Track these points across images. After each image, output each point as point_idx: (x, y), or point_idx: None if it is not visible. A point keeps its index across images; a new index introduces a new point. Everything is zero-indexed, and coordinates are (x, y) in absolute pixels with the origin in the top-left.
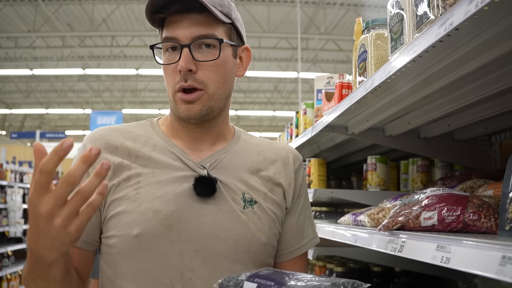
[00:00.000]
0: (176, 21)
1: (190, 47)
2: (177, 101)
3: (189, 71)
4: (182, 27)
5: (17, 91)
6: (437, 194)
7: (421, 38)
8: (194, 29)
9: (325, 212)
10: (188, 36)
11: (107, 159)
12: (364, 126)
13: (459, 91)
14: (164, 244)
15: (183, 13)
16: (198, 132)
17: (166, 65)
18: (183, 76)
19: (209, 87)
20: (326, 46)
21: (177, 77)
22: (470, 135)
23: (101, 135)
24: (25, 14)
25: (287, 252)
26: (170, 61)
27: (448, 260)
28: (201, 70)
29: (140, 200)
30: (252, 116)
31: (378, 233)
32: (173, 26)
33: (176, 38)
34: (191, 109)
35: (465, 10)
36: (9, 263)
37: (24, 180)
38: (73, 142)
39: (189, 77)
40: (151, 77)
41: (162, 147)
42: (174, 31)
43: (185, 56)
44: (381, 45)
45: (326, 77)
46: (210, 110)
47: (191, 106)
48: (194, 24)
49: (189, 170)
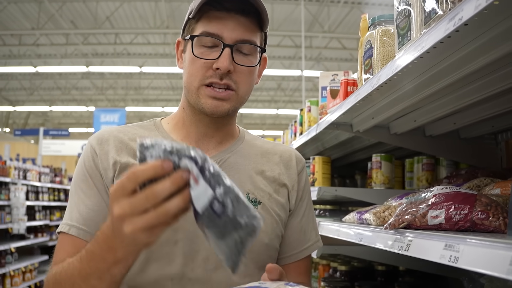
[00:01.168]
0: (221, 18)
1: (232, 49)
2: (202, 95)
3: (227, 71)
4: (228, 27)
5: (21, 88)
6: (444, 193)
7: (429, 34)
8: (240, 32)
9: (329, 210)
10: (234, 38)
11: (115, 159)
12: (369, 124)
13: (465, 89)
14: (168, 244)
15: (230, 12)
16: (210, 128)
17: (198, 59)
18: (219, 74)
19: (240, 90)
20: (330, 44)
21: (209, 72)
22: (476, 133)
23: (107, 135)
24: (29, 11)
25: (290, 254)
26: (205, 56)
27: (457, 259)
28: (236, 72)
29: None
30: (256, 114)
31: (384, 232)
32: (218, 23)
33: (220, 36)
34: (220, 106)
35: (475, 5)
36: (13, 259)
37: (27, 177)
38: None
39: (225, 76)
40: (154, 74)
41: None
42: (219, 28)
43: (227, 56)
44: (388, 41)
45: (331, 74)
46: (234, 110)
47: (220, 103)
48: (240, 27)
49: None
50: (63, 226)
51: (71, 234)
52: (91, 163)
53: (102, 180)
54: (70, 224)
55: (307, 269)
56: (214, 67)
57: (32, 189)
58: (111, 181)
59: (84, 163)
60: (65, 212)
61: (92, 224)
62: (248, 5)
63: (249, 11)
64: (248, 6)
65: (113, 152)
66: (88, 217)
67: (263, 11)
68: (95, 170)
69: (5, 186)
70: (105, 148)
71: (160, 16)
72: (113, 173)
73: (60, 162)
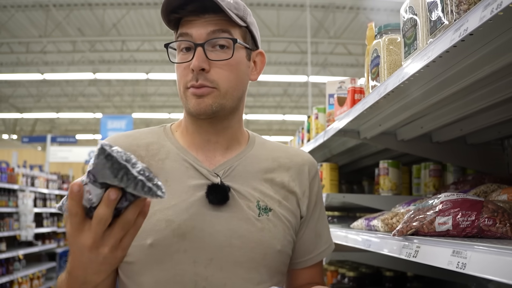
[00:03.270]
0: (191, 21)
1: (204, 46)
2: (188, 96)
3: (201, 70)
4: (196, 26)
5: (28, 95)
6: (451, 199)
7: (435, 44)
8: (208, 28)
9: (337, 217)
10: (203, 35)
11: None
12: (376, 131)
13: (471, 96)
14: (177, 253)
15: (198, 13)
16: (211, 133)
17: (179, 64)
18: (195, 75)
19: (220, 86)
20: (335, 50)
21: (189, 75)
22: (482, 139)
23: (114, 141)
24: (36, 19)
25: (305, 259)
26: (183, 60)
27: (464, 265)
28: (213, 69)
29: (153, 210)
30: (262, 120)
31: (392, 238)
32: (188, 25)
33: (190, 35)
34: (201, 103)
35: (480, 16)
36: (20, 266)
37: (35, 184)
38: (81, 181)
39: (200, 76)
40: (161, 81)
41: (175, 155)
42: (189, 29)
43: (198, 55)
44: (394, 50)
45: (338, 82)
46: (221, 107)
47: (201, 100)
48: (209, 24)
49: (203, 178)
50: None
51: None
52: None
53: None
54: None
55: (321, 271)
56: (190, 68)
57: (40, 196)
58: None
59: None
60: None
61: None
62: (210, 2)
63: (214, 9)
64: (209, 3)
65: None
66: None
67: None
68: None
69: (13, 193)
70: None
71: None
72: None
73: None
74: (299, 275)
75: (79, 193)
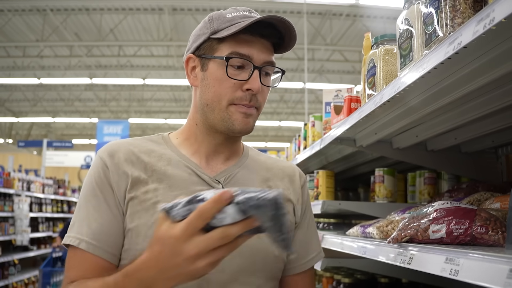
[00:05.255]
0: (249, 41)
1: (260, 70)
2: (232, 112)
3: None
4: (257, 49)
5: (24, 99)
6: (445, 208)
7: (430, 56)
8: (266, 55)
9: (333, 224)
10: (261, 60)
11: (126, 172)
12: (372, 139)
13: (466, 106)
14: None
15: (255, 35)
16: (221, 146)
17: (227, 78)
18: (249, 95)
19: (260, 108)
20: (332, 57)
21: (238, 92)
22: (476, 148)
23: (117, 148)
24: (33, 23)
25: (297, 265)
26: (234, 76)
27: (457, 272)
28: (260, 93)
29: (157, 215)
30: (258, 126)
31: (387, 246)
32: (247, 45)
33: (250, 57)
34: (248, 123)
35: (473, 31)
36: (15, 271)
37: (31, 188)
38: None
39: (253, 98)
40: (157, 86)
41: (177, 161)
42: (250, 50)
43: (258, 78)
44: (390, 60)
45: (335, 90)
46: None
47: (248, 120)
48: (266, 50)
49: (205, 184)
50: (73, 239)
51: (81, 249)
52: (101, 177)
53: (113, 194)
54: (80, 238)
55: (312, 279)
56: (245, 87)
57: (36, 201)
58: (123, 194)
59: (94, 177)
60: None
61: (103, 239)
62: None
63: (270, 35)
64: (273, 31)
65: (125, 165)
66: (98, 231)
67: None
68: (106, 185)
69: (9, 198)
70: (116, 161)
71: (163, 29)
72: (125, 186)
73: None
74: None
75: (226, 201)
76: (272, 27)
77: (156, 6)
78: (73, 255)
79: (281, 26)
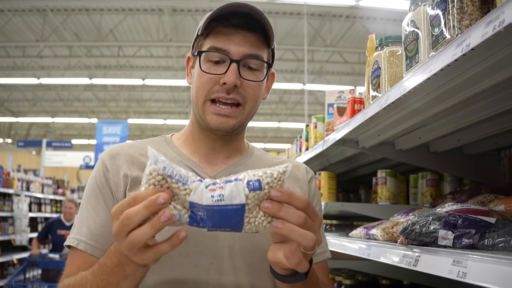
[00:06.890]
0: (228, 34)
1: (239, 64)
2: (207, 111)
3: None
4: (234, 42)
5: (24, 99)
6: (456, 209)
7: (437, 58)
8: (246, 47)
9: (335, 225)
10: (240, 53)
11: (126, 173)
12: (375, 141)
13: (469, 108)
14: (179, 256)
15: (237, 28)
16: (218, 144)
17: (204, 73)
18: (226, 88)
19: (247, 104)
20: (331, 58)
21: (216, 87)
22: (479, 150)
23: (119, 151)
24: (33, 23)
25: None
26: (213, 71)
27: (465, 274)
28: (243, 87)
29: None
30: (257, 127)
31: (392, 247)
32: (224, 39)
33: (226, 51)
34: (225, 122)
35: (482, 32)
36: (14, 271)
37: (30, 188)
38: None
39: (232, 91)
40: (156, 87)
41: (177, 161)
42: (226, 44)
43: (234, 71)
44: (395, 62)
45: (337, 92)
46: (240, 126)
47: (225, 120)
48: (247, 42)
49: None
50: (72, 240)
51: (80, 249)
52: (102, 179)
53: (113, 195)
54: (79, 239)
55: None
56: (221, 82)
57: (35, 201)
58: (122, 195)
59: (95, 179)
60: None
61: (101, 240)
62: (254, 21)
63: (255, 27)
64: (254, 22)
65: (124, 167)
66: (97, 232)
67: (269, 27)
68: (105, 186)
69: (8, 198)
70: (116, 163)
71: (163, 30)
72: (124, 187)
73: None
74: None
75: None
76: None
77: (156, 7)
78: (72, 255)
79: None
